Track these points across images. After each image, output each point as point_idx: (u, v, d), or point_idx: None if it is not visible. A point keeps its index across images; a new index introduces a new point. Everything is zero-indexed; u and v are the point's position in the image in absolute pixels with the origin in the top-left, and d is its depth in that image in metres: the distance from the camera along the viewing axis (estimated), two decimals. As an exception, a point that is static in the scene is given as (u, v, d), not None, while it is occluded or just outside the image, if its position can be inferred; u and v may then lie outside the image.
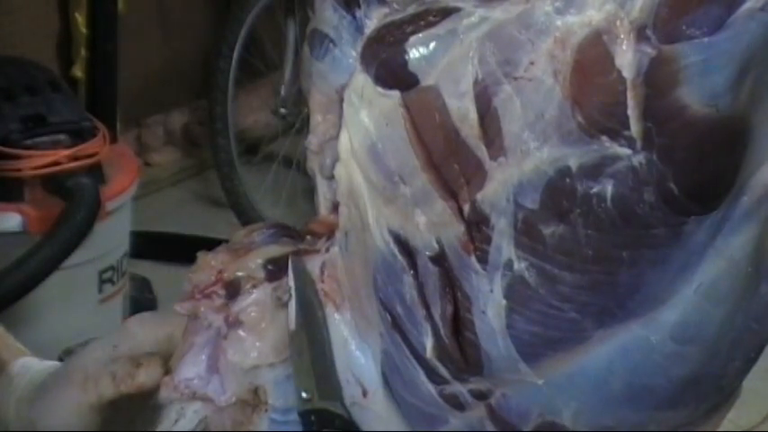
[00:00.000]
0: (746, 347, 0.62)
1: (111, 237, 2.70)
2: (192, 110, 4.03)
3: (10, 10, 3.25)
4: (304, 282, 0.67)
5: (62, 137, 2.61)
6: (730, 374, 0.63)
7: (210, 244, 0.73)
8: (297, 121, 3.59)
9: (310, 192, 0.72)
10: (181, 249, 3.16)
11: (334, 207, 0.69)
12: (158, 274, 3.24)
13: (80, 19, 3.15)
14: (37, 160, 2.54)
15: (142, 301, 3.11)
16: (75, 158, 2.57)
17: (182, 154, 4.05)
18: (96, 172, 2.62)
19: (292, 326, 0.67)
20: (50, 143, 2.58)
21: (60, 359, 0.83)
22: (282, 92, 3.63)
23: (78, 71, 3.19)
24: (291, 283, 0.68)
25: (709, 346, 0.60)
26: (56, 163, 2.55)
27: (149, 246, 3.22)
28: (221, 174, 3.58)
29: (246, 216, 3.51)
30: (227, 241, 0.73)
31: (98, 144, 2.63)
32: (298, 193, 3.55)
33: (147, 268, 3.23)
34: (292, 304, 0.67)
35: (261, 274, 0.69)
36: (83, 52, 3.12)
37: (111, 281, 2.73)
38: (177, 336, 0.72)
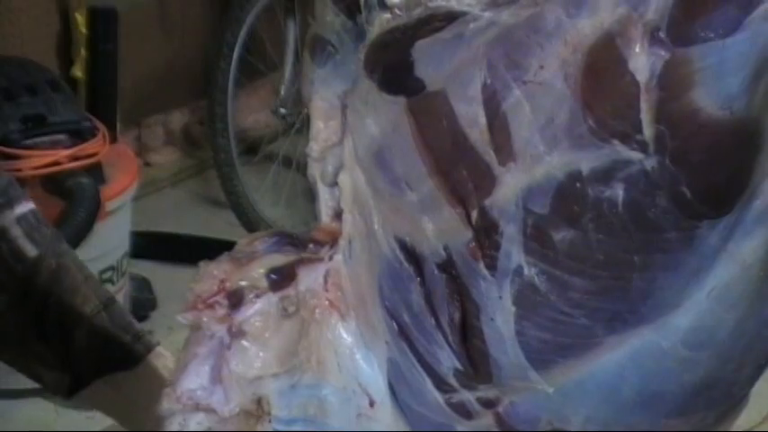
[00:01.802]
0: (757, 353, 0.61)
1: (111, 237, 2.71)
2: (191, 110, 4.04)
3: (10, 10, 3.25)
4: None
5: (62, 137, 2.62)
6: (741, 380, 0.62)
7: (210, 244, 0.73)
8: (297, 121, 3.60)
9: (310, 192, 0.71)
10: (181, 249, 3.18)
11: (336, 215, 0.69)
12: (158, 274, 3.25)
13: (80, 19, 3.15)
14: (37, 160, 2.55)
15: (142, 301, 3.12)
16: (76, 158, 2.58)
17: (182, 154, 4.06)
18: (96, 172, 2.63)
19: None
20: (50, 143, 2.59)
21: None
22: (282, 92, 3.63)
23: (78, 71, 3.19)
24: None
25: (721, 351, 0.59)
26: (56, 163, 2.55)
27: (149, 246, 3.23)
28: (221, 174, 3.59)
29: (246, 216, 3.52)
30: (227, 241, 0.72)
31: (98, 144, 2.64)
32: (298, 194, 3.56)
33: (147, 268, 3.24)
34: None
35: (264, 284, 0.69)
36: (83, 52, 3.13)
37: (111, 281, 2.74)
38: None
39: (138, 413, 0.96)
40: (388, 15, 0.63)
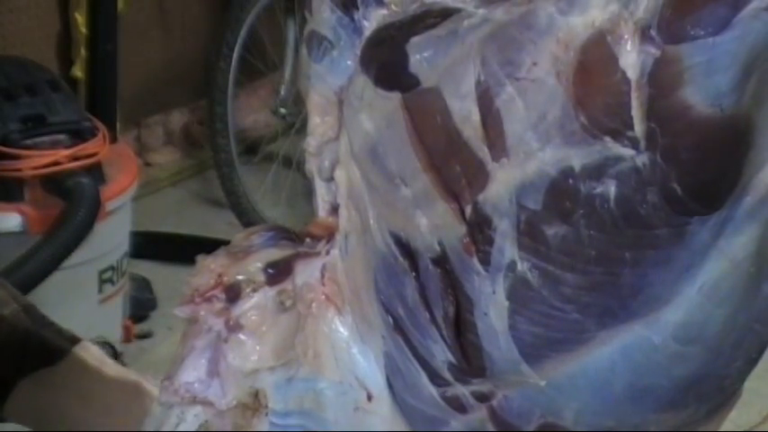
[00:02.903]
0: (748, 348, 0.61)
1: (111, 237, 2.71)
2: (191, 110, 4.04)
3: (10, 10, 3.26)
4: None
5: (62, 137, 2.62)
6: (732, 375, 0.62)
7: (210, 244, 0.73)
8: (297, 121, 3.60)
9: (310, 192, 0.72)
10: (181, 249, 3.19)
11: (333, 209, 0.69)
12: (158, 274, 3.25)
13: (80, 19, 3.16)
14: (37, 160, 2.55)
15: (142, 301, 3.12)
16: (76, 158, 2.58)
17: (182, 154, 4.07)
18: (96, 172, 2.63)
19: None
20: (50, 143, 2.59)
21: None
22: (282, 92, 3.64)
23: (78, 71, 3.20)
24: None
25: (712, 346, 0.60)
26: (56, 163, 2.56)
27: (149, 246, 3.24)
28: (221, 174, 3.59)
29: (246, 216, 3.52)
30: (226, 242, 0.73)
31: (98, 144, 2.64)
32: (298, 194, 3.56)
33: (147, 268, 3.25)
34: None
35: (261, 278, 0.69)
36: (83, 52, 3.14)
37: (111, 281, 2.74)
38: None
39: (68, 405, 0.95)
40: (384, 11, 0.63)
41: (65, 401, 0.96)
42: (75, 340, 0.99)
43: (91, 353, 0.98)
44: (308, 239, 0.71)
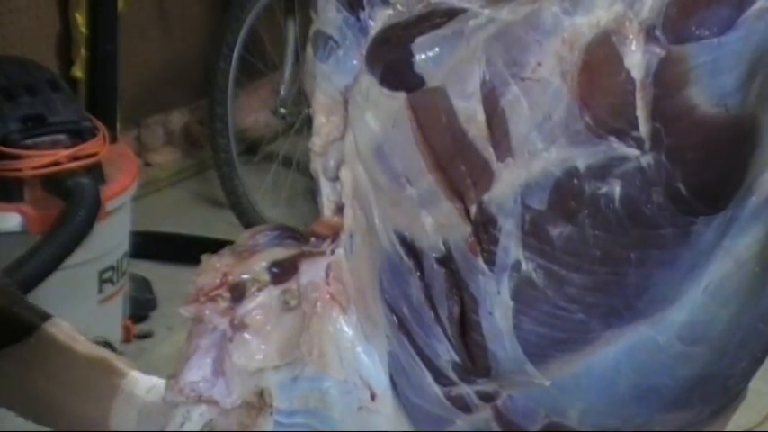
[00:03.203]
0: (753, 348, 0.62)
1: (111, 237, 2.71)
2: (191, 110, 4.04)
3: (10, 10, 3.26)
4: None
5: (62, 137, 2.62)
6: (737, 375, 0.62)
7: (210, 244, 0.73)
8: (297, 121, 3.60)
9: (310, 192, 0.72)
10: (181, 249, 3.19)
11: (338, 209, 0.69)
12: (158, 274, 3.25)
13: (80, 19, 3.16)
14: (37, 160, 2.55)
15: (142, 301, 3.12)
16: (76, 158, 2.58)
17: (182, 154, 4.06)
18: (96, 172, 2.63)
19: None
20: (50, 143, 2.59)
21: None
22: (282, 92, 3.64)
23: (78, 71, 3.20)
24: None
25: (716, 346, 0.60)
26: (56, 163, 2.55)
27: (149, 246, 3.23)
28: (221, 174, 3.59)
29: (246, 216, 3.52)
30: (227, 241, 0.73)
31: (98, 144, 2.64)
32: (298, 194, 3.56)
33: (147, 268, 3.24)
34: None
35: (266, 277, 0.69)
36: (83, 52, 3.13)
37: (111, 281, 2.74)
38: None
39: (37, 381, 0.95)
40: (390, 11, 0.63)
41: (33, 377, 0.95)
42: (45, 316, 0.98)
43: (61, 329, 0.97)
44: (312, 239, 0.71)
